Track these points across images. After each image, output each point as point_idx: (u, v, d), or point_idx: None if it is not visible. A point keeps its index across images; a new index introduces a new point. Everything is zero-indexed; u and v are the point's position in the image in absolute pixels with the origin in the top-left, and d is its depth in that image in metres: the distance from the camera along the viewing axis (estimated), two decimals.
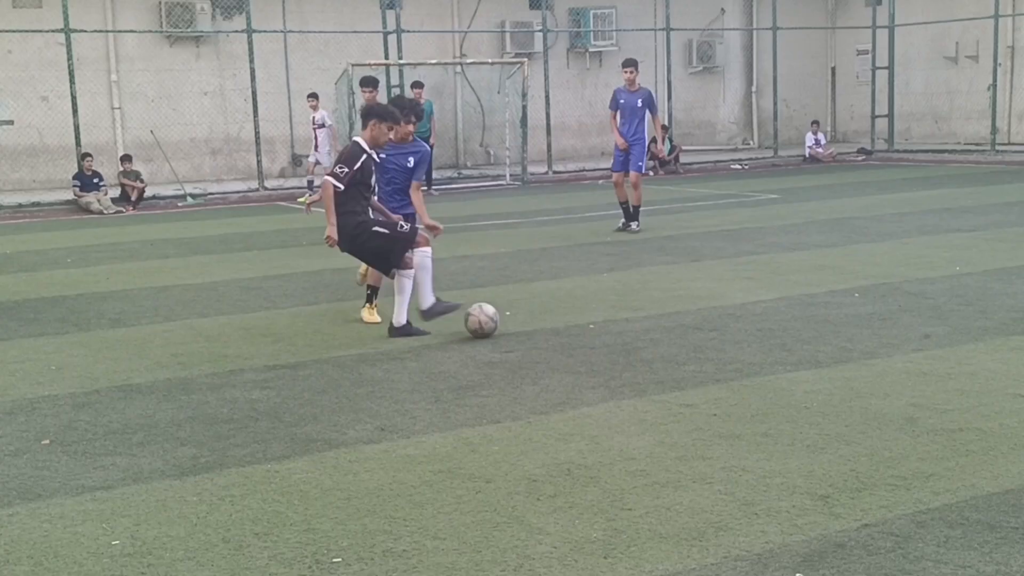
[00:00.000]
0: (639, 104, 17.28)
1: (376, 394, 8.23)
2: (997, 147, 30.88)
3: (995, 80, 31.29)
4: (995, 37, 31.12)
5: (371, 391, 8.32)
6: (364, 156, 10.17)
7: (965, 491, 5.91)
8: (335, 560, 5.27)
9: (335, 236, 10.03)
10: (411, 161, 10.89)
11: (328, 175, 10.14)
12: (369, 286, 11.03)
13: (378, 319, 10.80)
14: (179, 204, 25.20)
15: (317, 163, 24.53)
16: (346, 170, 10.00)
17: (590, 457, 6.65)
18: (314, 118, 24.91)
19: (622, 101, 17.46)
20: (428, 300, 10.35)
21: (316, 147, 24.73)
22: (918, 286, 11.85)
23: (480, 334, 9.93)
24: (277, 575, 5.14)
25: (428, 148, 11.34)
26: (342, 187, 9.98)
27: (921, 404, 7.54)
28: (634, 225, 17.27)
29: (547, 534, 5.49)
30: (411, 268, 10.18)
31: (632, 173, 17.28)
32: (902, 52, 34.22)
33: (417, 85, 26.04)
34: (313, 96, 25.11)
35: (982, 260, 13.44)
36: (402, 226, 10.24)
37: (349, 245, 10.16)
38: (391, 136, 10.44)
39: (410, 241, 10.20)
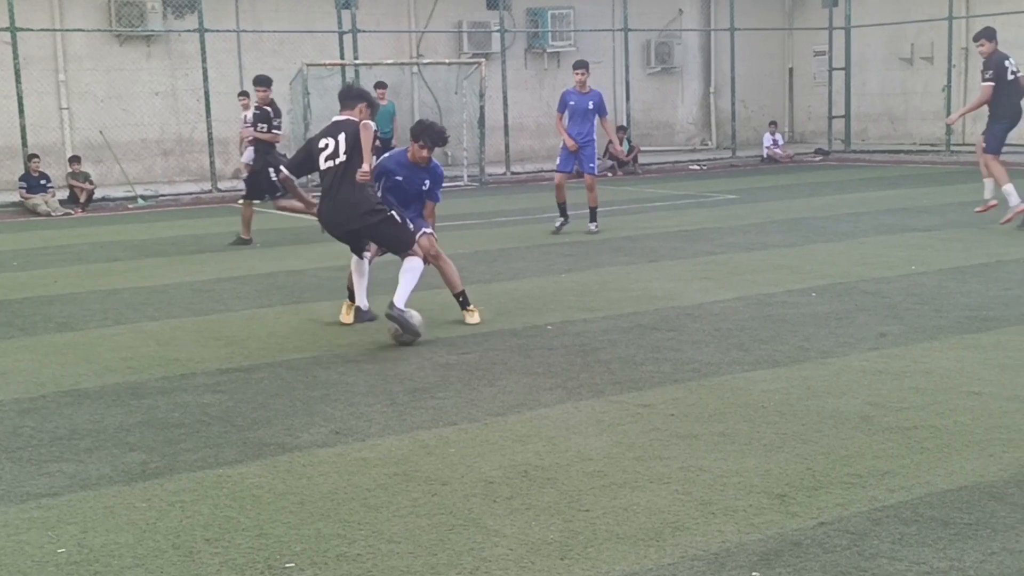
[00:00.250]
0: (590, 106, 17.24)
1: (331, 397, 8.15)
2: (952, 148, 31.10)
3: (949, 81, 31.51)
4: (949, 39, 31.35)
5: (326, 394, 8.24)
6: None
7: (920, 488, 5.93)
8: (288, 565, 5.20)
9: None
10: (426, 183, 10.88)
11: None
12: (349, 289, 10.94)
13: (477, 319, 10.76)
14: (129, 206, 24.79)
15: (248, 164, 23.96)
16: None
17: (547, 458, 6.61)
18: (245, 117, 23.65)
19: (572, 103, 17.38)
20: (364, 302, 10.76)
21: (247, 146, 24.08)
22: (874, 285, 11.90)
23: (400, 339, 9.78)
24: None
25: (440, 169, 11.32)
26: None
27: (877, 402, 7.57)
28: (593, 226, 17.22)
29: (503, 536, 5.45)
30: (420, 255, 10.25)
31: (586, 176, 17.26)
32: (858, 53, 34.43)
33: (380, 86, 25.91)
34: (244, 94, 24.30)
35: (937, 259, 13.52)
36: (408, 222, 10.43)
37: (360, 220, 10.13)
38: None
39: (414, 238, 10.35)
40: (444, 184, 11.24)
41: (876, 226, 16.85)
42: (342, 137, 10.13)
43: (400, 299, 9.72)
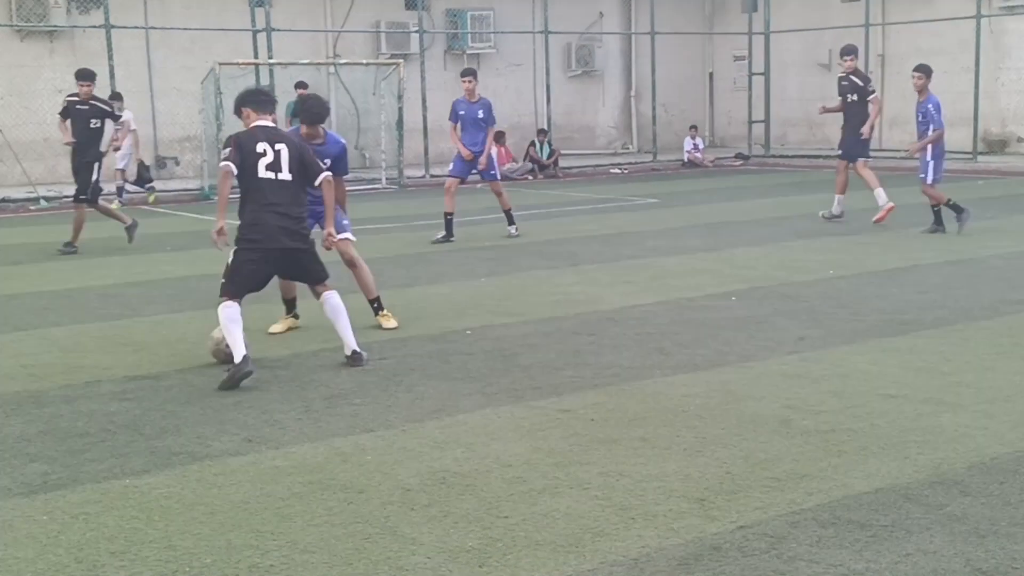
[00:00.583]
0: (480, 115, 17.01)
1: (244, 404, 7.99)
2: (870, 154, 31.32)
3: None
4: (866, 46, 31.64)
5: (238, 401, 8.08)
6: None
7: (837, 491, 5.98)
8: None
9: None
10: (326, 161, 9.98)
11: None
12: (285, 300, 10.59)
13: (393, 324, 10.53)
14: (31, 207, 23.93)
15: (152, 181, 23.42)
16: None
17: (466, 465, 6.56)
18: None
19: (462, 112, 17.18)
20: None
21: (117, 149, 22.92)
22: (793, 289, 11.98)
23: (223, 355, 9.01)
24: None
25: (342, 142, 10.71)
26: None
27: (796, 406, 7.61)
28: (512, 229, 17.15)
29: (421, 544, 5.39)
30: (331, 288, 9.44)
31: (491, 184, 17.23)
32: (778, 58, 34.73)
33: (300, 86, 25.61)
34: (117, 97, 23.38)
35: (855, 264, 13.66)
36: None
37: (301, 242, 9.13)
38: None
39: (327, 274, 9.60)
40: (363, 187, 10.90)
41: (795, 230, 17.00)
42: (283, 151, 9.04)
43: (354, 342, 9.18)
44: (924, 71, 16.51)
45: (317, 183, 9.28)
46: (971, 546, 5.23)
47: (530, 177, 29.62)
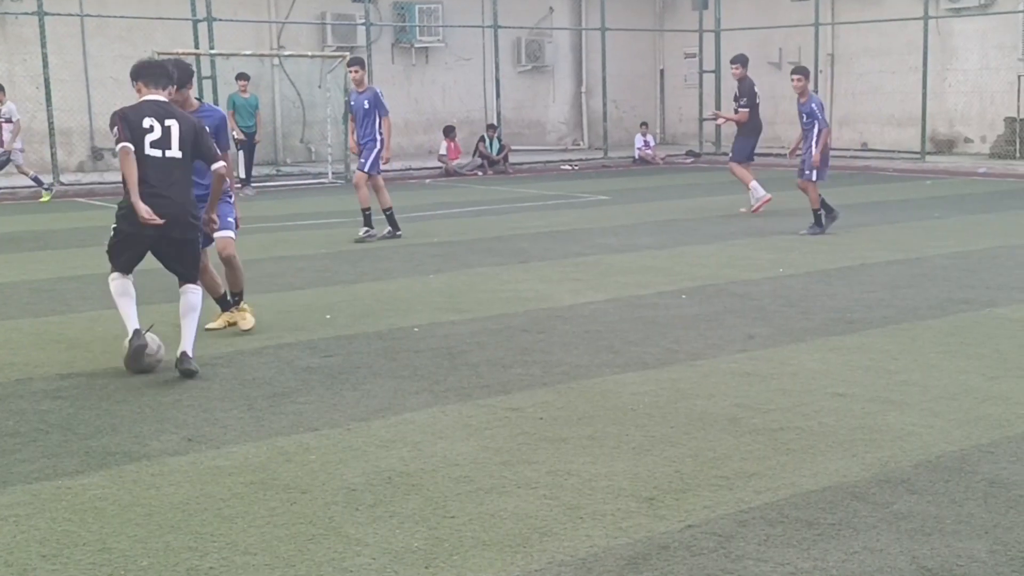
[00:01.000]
0: (366, 105, 16.52)
1: (183, 403, 7.85)
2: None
3: (816, 87, 31.95)
4: (816, 44, 31.85)
5: (178, 399, 7.94)
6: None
7: (785, 489, 5.98)
8: None
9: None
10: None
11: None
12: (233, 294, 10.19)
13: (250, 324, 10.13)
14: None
15: (9, 161, 22.71)
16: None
17: (412, 464, 6.48)
18: (0, 110, 22.76)
19: (352, 103, 16.89)
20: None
21: (0, 143, 22.64)
22: (743, 287, 11.99)
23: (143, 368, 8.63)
24: None
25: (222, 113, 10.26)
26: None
27: (744, 404, 7.60)
28: (378, 231, 16.57)
29: (366, 545, 5.31)
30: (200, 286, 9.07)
31: (357, 173, 16.78)
32: (728, 56, 34.60)
33: (242, 77, 25.39)
34: None
35: (804, 262, 13.69)
36: None
37: (185, 233, 8.70)
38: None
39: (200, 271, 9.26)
40: (308, 181, 10.51)
41: (745, 229, 17.04)
42: (174, 127, 8.57)
43: (192, 343, 8.60)
44: (803, 73, 16.86)
45: (215, 167, 8.91)
46: (917, 544, 5.23)
47: (480, 173, 29.55)
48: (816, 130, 16.57)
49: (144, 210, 8.31)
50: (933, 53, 29.73)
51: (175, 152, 8.57)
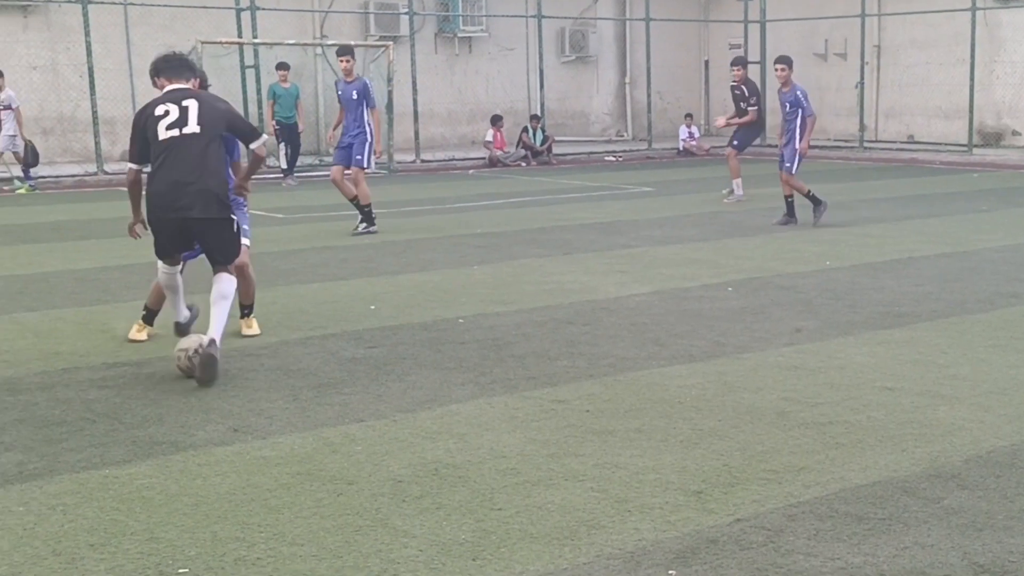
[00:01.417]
0: (354, 96, 16.05)
1: (229, 393, 7.85)
2: (865, 144, 31.44)
3: (862, 78, 31.81)
4: (862, 36, 31.63)
5: (223, 390, 7.93)
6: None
7: (834, 484, 5.94)
8: (181, 571, 4.96)
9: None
10: None
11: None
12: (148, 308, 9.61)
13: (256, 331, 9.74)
14: (5, 188, 23.46)
15: (8, 150, 22.70)
16: None
17: (459, 456, 6.46)
18: None
19: (339, 93, 16.40)
20: (184, 313, 8.98)
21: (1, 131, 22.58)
22: (789, 280, 11.91)
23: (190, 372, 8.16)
24: None
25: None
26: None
27: (792, 398, 7.55)
28: (363, 227, 16.14)
29: (413, 537, 5.29)
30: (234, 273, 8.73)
31: (353, 168, 16.19)
32: (773, 47, 34.54)
33: (282, 67, 25.37)
34: None
35: (851, 255, 13.59)
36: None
37: (219, 212, 8.37)
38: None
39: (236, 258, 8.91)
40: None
41: (793, 224, 16.87)
42: (192, 105, 8.31)
43: (220, 333, 8.29)
44: (787, 63, 16.94)
45: (253, 147, 8.58)
46: (968, 539, 5.19)
47: (523, 164, 29.51)
48: (800, 120, 16.48)
49: (133, 233, 8.86)
50: (980, 44, 29.44)
51: (193, 127, 8.24)
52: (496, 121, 29.90)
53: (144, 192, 8.55)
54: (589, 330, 9.69)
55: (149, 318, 9.56)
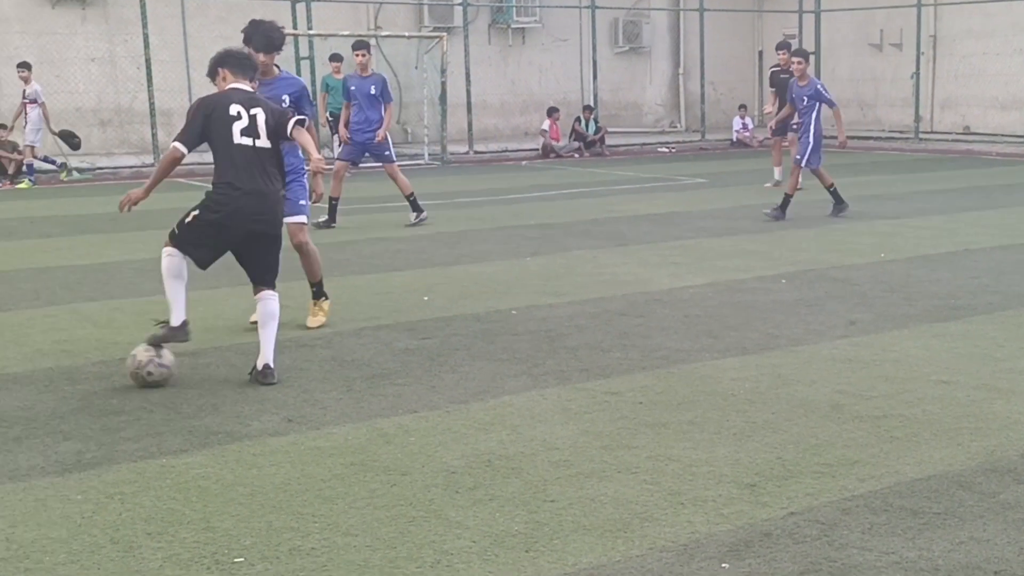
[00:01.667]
0: (372, 91, 15.87)
1: (283, 383, 7.89)
2: (920, 135, 31.17)
3: (918, 68, 31.51)
4: (918, 25, 31.32)
5: (277, 380, 7.95)
6: None
7: (889, 477, 5.91)
8: (236, 560, 5.00)
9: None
10: (284, 99, 9.29)
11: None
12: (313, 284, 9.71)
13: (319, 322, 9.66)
14: (63, 179, 23.81)
15: (32, 145, 22.79)
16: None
17: (512, 447, 6.47)
18: (25, 91, 22.76)
19: (353, 88, 16.13)
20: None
21: (26, 125, 22.67)
22: (844, 272, 11.85)
23: (137, 376, 7.85)
24: None
25: (301, 81, 9.93)
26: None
27: (846, 391, 7.51)
28: (413, 216, 16.08)
29: (466, 528, 5.31)
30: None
31: (385, 166, 16.16)
32: (828, 38, 34.39)
33: (335, 59, 25.41)
34: (24, 66, 22.84)
35: (906, 247, 13.50)
36: None
37: (277, 228, 8.21)
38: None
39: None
40: (405, 163, 10.05)
41: (845, 212, 16.77)
42: (259, 115, 8.09)
43: (272, 357, 8.01)
44: (803, 56, 16.93)
45: (289, 132, 8.12)
46: None
47: (576, 155, 29.48)
48: (816, 113, 16.41)
49: (127, 202, 8.33)
50: None
51: (264, 142, 8.06)
52: (552, 113, 29.91)
53: (214, 194, 8.23)
54: (642, 322, 9.67)
55: (319, 293, 9.69)
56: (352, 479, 5.99)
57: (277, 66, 9.53)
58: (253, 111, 8.08)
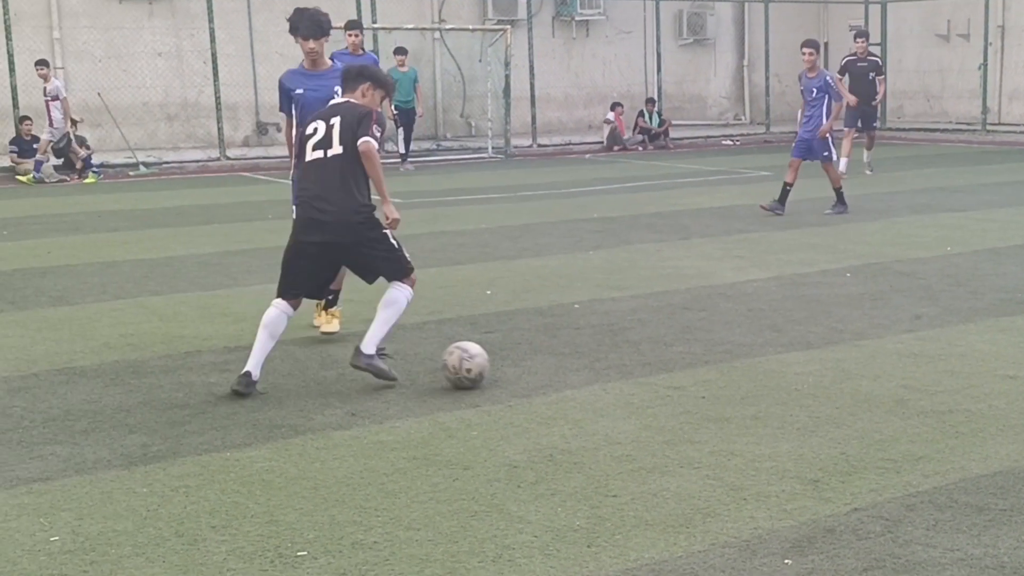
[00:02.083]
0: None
1: (346, 377, 7.92)
2: (988, 127, 30.81)
3: (985, 59, 31.14)
4: (986, 16, 30.94)
5: (341, 374, 8.01)
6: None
7: (954, 473, 5.87)
8: (300, 553, 5.04)
9: (396, 213, 7.84)
10: (337, 91, 8.39)
11: (369, 136, 7.64)
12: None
13: (336, 327, 9.27)
14: (130, 173, 24.01)
15: (50, 142, 22.70)
16: (378, 135, 7.80)
17: (574, 442, 6.47)
18: (45, 88, 22.54)
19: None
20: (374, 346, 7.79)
21: (50, 122, 22.45)
22: (909, 266, 11.75)
23: (459, 382, 7.62)
24: (236, 571, 4.90)
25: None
26: None
27: (911, 386, 7.47)
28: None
29: (528, 523, 5.32)
30: (412, 285, 7.98)
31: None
32: (894, 29, 34.06)
33: (400, 52, 25.49)
34: (43, 63, 22.74)
35: (973, 240, 13.36)
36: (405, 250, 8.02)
37: (352, 237, 7.67)
38: (379, 109, 8.16)
39: (411, 271, 7.98)
40: (468, 156, 9.64)
41: (911, 206, 16.69)
42: (336, 123, 7.67)
43: (370, 343, 7.69)
44: (815, 47, 16.60)
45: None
46: None
47: (640, 148, 29.39)
48: (826, 105, 16.22)
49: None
50: None
51: (336, 148, 7.64)
52: (615, 107, 29.86)
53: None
54: (705, 316, 9.64)
55: (332, 301, 9.21)
56: (414, 473, 6.02)
57: (331, 57, 9.29)
58: (332, 121, 7.73)
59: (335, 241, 7.66)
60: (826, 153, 16.28)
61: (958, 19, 33.14)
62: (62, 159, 23.15)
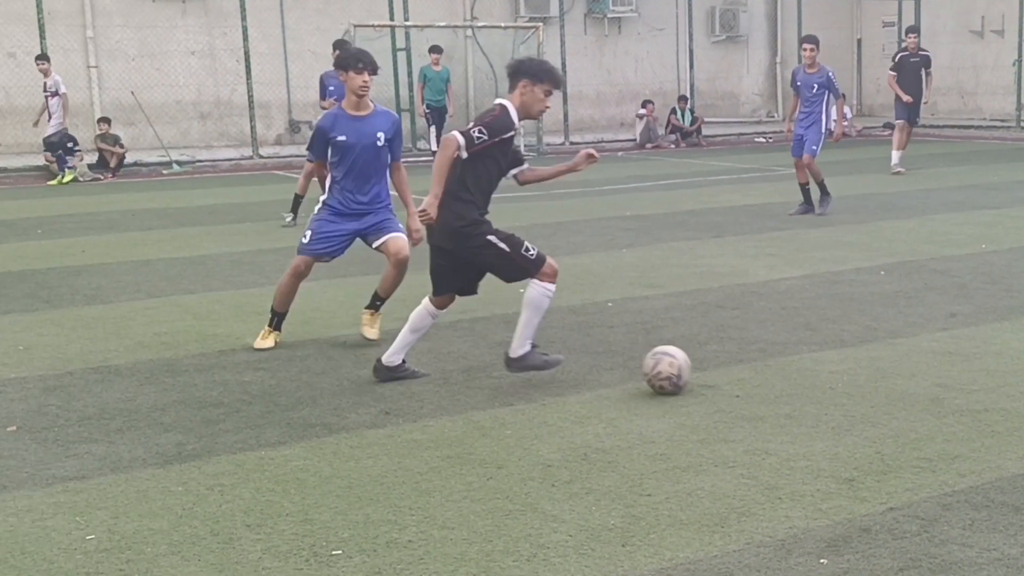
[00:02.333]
0: None
1: None
2: (1022, 124, 30.62)
3: (1020, 55, 30.93)
4: (1020, 11, 30.74)
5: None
6: (513, 131, 7.91)
7: (990, 472, 5.85)
8: (335, 552, 5.05)
9: (434, 212, 7.40)
10: (380, 136, 8.67)
11: (460, 132, 7.52)
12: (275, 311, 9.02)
13: (376, 335, 9.08)
14: (164, 172, 24.22)
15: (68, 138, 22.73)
16: (484, 138, 7.54)
17: (608, 441, 6.47)
18: (46, 84, 22.54)
19: (331, 88, 15.98)
20: (524, 346, 7.69)
21: (50, 118, 22.46)
22: (943, 264, 11.69)
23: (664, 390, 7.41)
24: (271, 569, 4.91)
25: (397, 116, 9.23)
26: (465, 155, 7.50)
27: (947, 384, 7.43)
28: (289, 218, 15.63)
29: (562, 522, 5.32)
30: (554, 282, 7.77)
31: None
32: (928, 25, 33.83)
33: (435, 50, 25.54)
34: (43, 59, 22.72)
35: (1008, 238, 13.30)
36: (528, 249, 7.77)
37: (454, 244, 7.59)
38: (545, 105, 8.12)
39: (537, 268, 7.73)
40: None
41: (945, 203, 16.60)
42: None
43: (516, 347, 7.62)
44: (815, 42, 16.43)
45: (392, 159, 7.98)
46: None
47: (672, 145, 29.35)
48: (825, 103, 16.07)
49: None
50: None
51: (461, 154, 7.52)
52: (646, 104, 29.84)
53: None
54: (739, 314, 9.62)
55: (278, 323, 9.01)
56: (448, 472, 6.02)
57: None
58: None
59: (443, 246, 7.61)
60: (815, 147, 16.09)
61: (992, 15, 32.95)
62: (57, 154, 23.08)
